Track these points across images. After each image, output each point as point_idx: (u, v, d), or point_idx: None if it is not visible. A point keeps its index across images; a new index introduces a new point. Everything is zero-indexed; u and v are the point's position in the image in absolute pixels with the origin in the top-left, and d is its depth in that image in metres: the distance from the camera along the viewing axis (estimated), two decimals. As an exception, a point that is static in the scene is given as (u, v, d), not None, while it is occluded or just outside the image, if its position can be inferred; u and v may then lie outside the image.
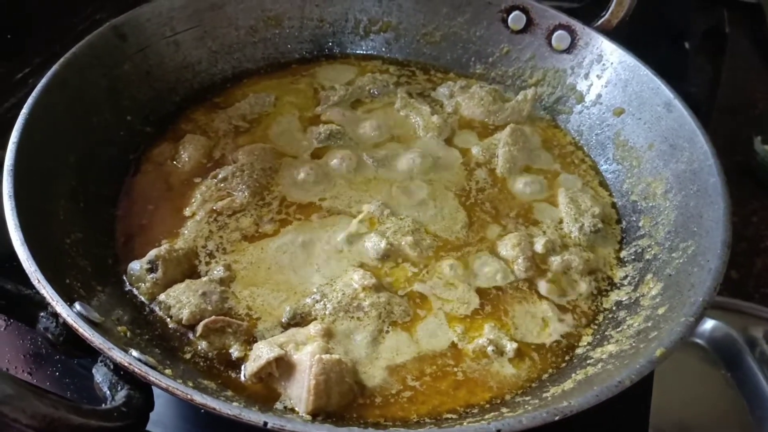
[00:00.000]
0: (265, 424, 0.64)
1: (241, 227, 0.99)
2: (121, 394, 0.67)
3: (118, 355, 0.68)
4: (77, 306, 0.73)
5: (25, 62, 1.30)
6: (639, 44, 1.15)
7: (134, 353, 0.71)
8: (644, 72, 1.10)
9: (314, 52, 1.31)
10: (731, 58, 1.60)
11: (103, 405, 0.66)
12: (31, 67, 1.29)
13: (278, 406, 0.79)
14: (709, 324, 1.17)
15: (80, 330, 0.69)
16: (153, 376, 0.67)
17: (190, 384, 0.71)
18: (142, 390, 0.70)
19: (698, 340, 1.18)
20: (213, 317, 0.86)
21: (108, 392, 0.68)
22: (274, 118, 1.18)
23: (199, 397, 0.66)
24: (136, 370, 0.67)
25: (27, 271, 0.75)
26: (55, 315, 0.74)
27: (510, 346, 0.87)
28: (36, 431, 0.55)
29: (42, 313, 0.75)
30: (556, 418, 0.66)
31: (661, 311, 0.84)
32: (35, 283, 0.74)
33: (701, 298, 0.79)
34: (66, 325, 0.72)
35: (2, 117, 1.21)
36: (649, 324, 0.83)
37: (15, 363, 0.92)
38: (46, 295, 0.72)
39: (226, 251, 0.96)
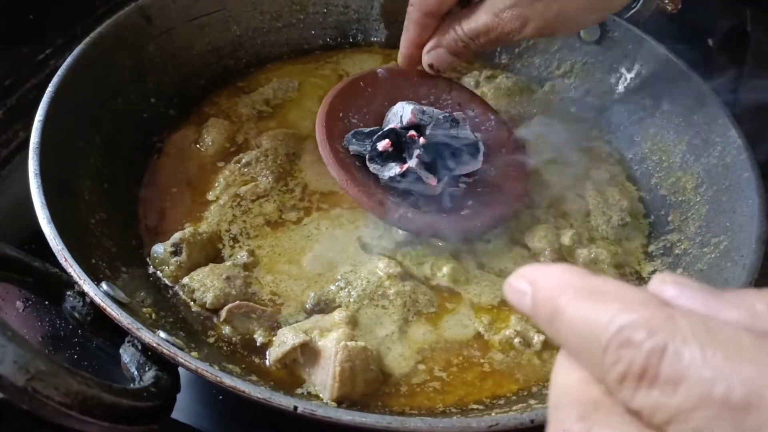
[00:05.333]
0: (296, 408, 0.63)
1: (265, 212, 0.98)
2: (149, 375, 0.66)
3: (147, 335, 0.67)
4: (104, 286, 0.72)
5: (46, 43, 1.29)
6: (662, 41, 1.13)
7: (162, 334, 0.70)
8: (676, 65, 1.08)
9: (338, 39, 1.29)
10: (753, 57, 1.58)
11: (131, 385, 0.65)
12: (53, 48, 1.29)
13: (302, 392, 0.79)
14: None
15: (108, 309, 0.69)
16: (182, 357, 0.66)
17: (216, 367, 0.70)
18: (169, 371, 0.69)
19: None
20: (237, 302, 0.85)
21: (136, 372, 0.67)
22: (297, 103, 1.16)
23: (228, 380, 0.65)
24: (164, 351, 0.66)
25: (54, 249, 0.74)
26: (82, 294, 0.73)
27: (537, 338, 0.85)
28: (69, 409, 0.54)
29: (68, 293, 0.75)
30: (591, 409, 0.65)
31: (692, 306, 0.83)
32: (62, 261, 0.72)
33: (736, 294, 0.78)
34: (93, 305, 0.71)
35: (23, 98, 1.20)
36: (680, 319, 0.82)
37: (33, 345, 0.91)
38: (73, 273, 0.71)
39: (250, 236, 0.95)
